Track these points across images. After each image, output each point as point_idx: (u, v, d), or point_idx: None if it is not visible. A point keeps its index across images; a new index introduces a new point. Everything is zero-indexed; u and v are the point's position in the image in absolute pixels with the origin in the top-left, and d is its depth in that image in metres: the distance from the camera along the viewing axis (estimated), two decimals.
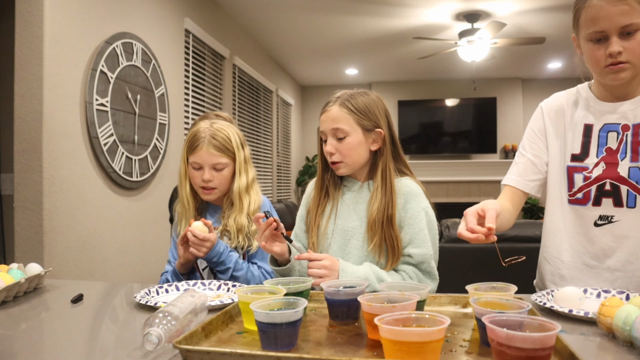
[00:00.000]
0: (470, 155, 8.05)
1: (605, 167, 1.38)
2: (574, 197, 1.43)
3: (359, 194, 1.58)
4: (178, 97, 3.94)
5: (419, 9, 4.88)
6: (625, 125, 1.37)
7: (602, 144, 1.39)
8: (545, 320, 0.83)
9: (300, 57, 6.69)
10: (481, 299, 1.02)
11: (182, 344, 0.89)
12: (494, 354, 0.82)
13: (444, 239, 3.31)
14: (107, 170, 2.97)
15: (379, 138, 1.55)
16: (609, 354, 0.94)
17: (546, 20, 5.17)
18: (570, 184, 1.43)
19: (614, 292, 1.31)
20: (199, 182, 1.71)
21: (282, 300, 1.00)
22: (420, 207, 1.52)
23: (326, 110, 1.54)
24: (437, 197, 7.85)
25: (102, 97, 2.90)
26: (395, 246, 1.47)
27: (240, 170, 1.73)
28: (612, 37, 1.27)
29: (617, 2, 1.24)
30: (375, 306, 0.97)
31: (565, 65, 7.18)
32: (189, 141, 1.71)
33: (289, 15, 5.04)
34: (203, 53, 4.49)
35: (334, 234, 1.55)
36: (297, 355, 0.83)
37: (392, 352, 0.83)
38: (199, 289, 1.46)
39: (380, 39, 5.82)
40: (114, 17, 3.08)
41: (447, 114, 8.08)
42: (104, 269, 2.97)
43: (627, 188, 1.35)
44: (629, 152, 1.35)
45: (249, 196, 1.74)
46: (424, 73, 7.54)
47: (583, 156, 1.42)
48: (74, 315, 1.25)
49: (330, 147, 1.51)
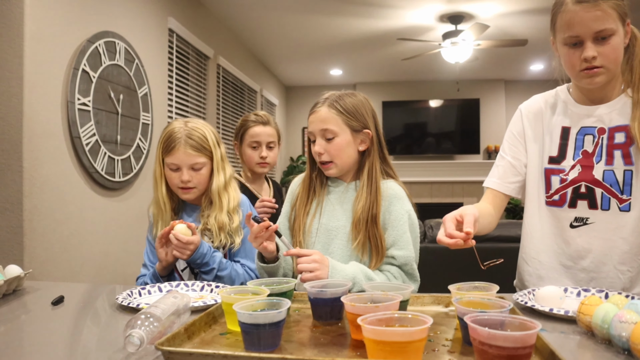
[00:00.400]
0: (453, 156, 8.11)
1: (581, 170, 1.40)
2: (551, 199, 1.45)
3: (344, 194, 1.59)
4: (161, 97, 3.91)
5: (403, 10, 4.91)
6: (601, 129, 1.39)
7: (578, 146, 1.42)
8: (526, 319, 0.84)
9: (285, 58, 6.68)
10: (463, 299, 1.03)
11: (164, 346, 0.89)
12: (476, 352, 0.83)
13: (427, 239, 3.33)
14: (89, 171, 2.93)
15: (367, 138, 1.56)
16: (588, 351, 0.96)
17: (528, 23, 5.23)
18: (547, 185, 1.46)
19: (593, 291, 1.33)
20: (177, 182, 1.70)
21: (266, 301, 1.00)
22: (404, 209, 1.54)
23: (315, 111, 1.55)
24: (420, 198, 7.90)
25: (84, 96, 2.87)
26: (379, 245, 1.49)
27: (217, 168, 1.73)
28: (587, 42, 1.29)
29: (591, 8, 1.26)
30: (359, 306, 0.97)
31: (548, 67, 7.26)
32: (164, 142, 1.69)
33: (274, 15, 5.04)
34: (187, 53, 4.47)
35: (318, 232, 1.56)
36: (280, 356, 0.83)
37: (375, 352, 0.83)
38: (182, 290, 1.45)
39: (364, 39, 5.83)
40: (96, 16, 3.04)
41: (431, 114, 8.12)
42: (85, 270, 2.94)
43: (602, 191, 1.38)
44: (604, 155, 1.38)
45: (228, 194, 1.74)
46: (408, 74, 7.58)
47: (560, 158, 1.44)
48: (54, 318, 1.24)
49: (319, 147, 1.53)
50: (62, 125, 2.73)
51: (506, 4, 4.73)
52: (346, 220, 1.54)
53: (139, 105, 3.47)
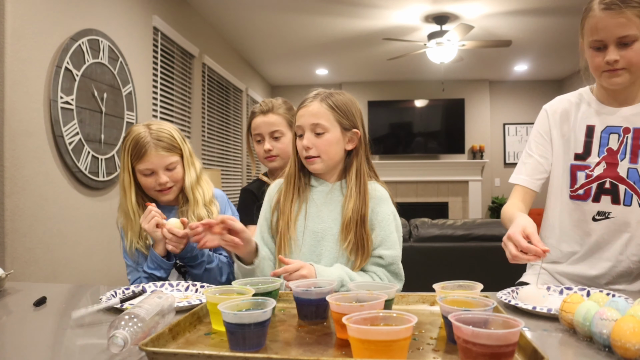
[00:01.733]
0: (438, 156, 8.15)
1: (605, 167, 1.50)
2: (575, 193, 1.55)
3: (329, 195, 1.57)
4: (146, 95, 3.88)
5: (388, 10, 4.92)
6: (626, 128, 1.48)
7: (603, 144, 1.51)
8: (509, 317, 0.85)
9: (271, 57, 6.67)
10: (448, 297, 1.04)
11: (148, 346, 0.88)
12: (460, 351, 0.84)
13: (412, 239, 3.35)
14: (73, 170, 2.90)
15: (356, 138, 1.56)
16: (570, 349, 0.97)
17: (512, 24, 5.28)
18: (572, 180, 1.55)
19: (575, 289, 1.35)
20: (154, 186, 1.69)
21: (251, 300, 1.00)
22: (389, 210, 1.55)
23: (306, 105, 1.53)
24: (406, 197, 7.93)
25: (67, 94, 2.83)
26: (366, 245, 1.49)
27: (188, 164, 1.73)
28: (610, 46, 1.38)
29: (616, 15, 1.35)
30: (344, 305, 0.97)
31: (531, 67, 7.34)
32: (132, 149, 1.66)
33: (259, 14, 5.02)
34: (172, 51, 4.44)
35: (305, 235, 1.54)
36: (265, 356, 0.83)
37: (360, 351, 0.83)
38: (167, 290, 1.44)
39: (350, 39, 5.84)
40: (80, 13, 3.01)
41: (417, 114, 8.16)
42: (68, 271, 2.91)
43: (625, 187, 1.48)
44: (629, 153, 1.47)
45: (201, 187, 1.75)
46: (394, 74, 7.60)
47: (585, 155, 1.53)
48: (36, 319, 1.22)
49: (307, 141, 1.51)
50: (44, 124, 2.70)
51: (491, 5, 4.77)
52: (332, 221, 1.53)
53: (123, 104, 3.44)
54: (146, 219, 1.60)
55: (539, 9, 4.84)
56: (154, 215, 1.59)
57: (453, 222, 3.39)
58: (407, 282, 1.54)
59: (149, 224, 1.58)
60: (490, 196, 8.18)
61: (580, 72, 1.57)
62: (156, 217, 1.58)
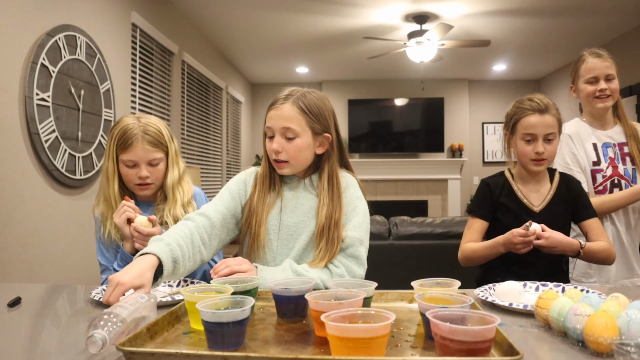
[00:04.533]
0: (418, 154, 8.20)
1: (612, 169, 2.10)
2: (597, 190, 2.09)
3: (298, 190, 1.57)
4: (124, 93, 3.83)
5: (369, 9, 4.93)
6: (614, 144, 2.13)
7: (605, 154, 2.12)
8: (485, 314, 0.86)
9: (251, 55, 6.64)
10: (426, 295, 1.05)
11: (125, 346, 0.87)
12: (438, 347, 0.85)
13: (392, 237, 3.37)
14: (49, 168, 2.86)
15: (327, 142, 1.54)
16: (545, 344, 0.99)
17: (491, 24, 5.34)
18: (594, 181, 2.10)
19: (550, 286, 1.38)
20: (134, 179, 1.68)
21: (229, 299, 1.00)
22: (355, 195, 1.55)
23: (277, 107, 1.49)
24: (385, 195, 7.97)
25: (43, 91, 2.79)
26: (337, 247, 1.47)
27: (172, 163, 1.73)
28: (601, 80, 2.07)
29: (603, 60, 2.07)
30: (322, 303, 0.98)
31: (510, 67, 7.43)
32: (119, 139, 1.66)
33: (240, 11, 5.00)
34: (151, 48, 4.39)
35: (280, 230, 1.53)
36: (244, 354, 0.83)
37: (338, 348, 0.84)
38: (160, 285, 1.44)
39: (330, 38, 5.85)
40: (56, 9, 2.96)
41: (397, 113, 8.20)
42: (45, 270, 2.87)
43: (625, 182, 2.09)
44: (620, 159, 2.12)
45: (182, 187, 1.75)
46: (374, 72, 7.63)
47: (598, 162, 2.11)
48: (11, 320, 1.20)
49: (277, 145, 1.48)
50: (19, 121, 2.65)
51: (470, 5, 4.81)
52: (304, 215, 1.52)
53: (101, 102, 3.40)
54: (118, 212, 1.59)
55: (517, 10, 4.90)
56: (125, 210, 1.58)
57: (432, 220, 3.42)
58: (386, 279, 1.54)
59: (120, 218, 1.58)
60: (469, 194, 8.26)
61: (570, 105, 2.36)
62: (128, 212, 1.57)
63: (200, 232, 1.45)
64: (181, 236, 1.38)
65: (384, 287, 1.32)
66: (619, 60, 2.12)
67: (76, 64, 3.10)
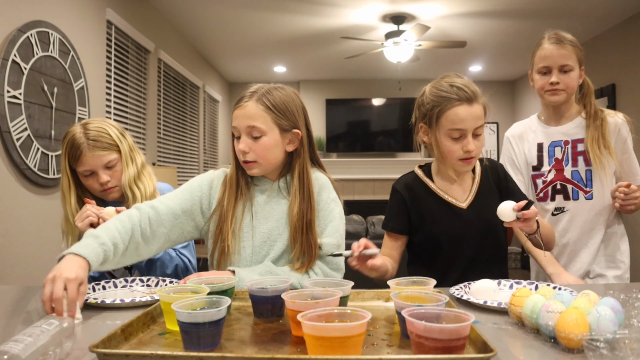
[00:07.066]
0: (395, 154, 8.25)
1: (555, 173, 1.91)
2: (539, 196, 1.94)
3: (271, 194, 1.52)
4: (99, 91, 3.77)
5: (346, 9, 4.95)
6: (566, 141, 1.90)
7: (551, 155, 1.92)
8: (460, 312, 0.87)
9: (228, 53, 6.60)
10: (402, 293, 1.05)
11: (99, 348, 0.86)
12: (413, 345, 0.85)
13: (369, 236, 3.39)
14: (21, 167, 2.80)
15: (296, 139, 1.49)
16: (518, 341, 1.00)
17: (467, 25, 5.40)
18: (535, 187, 1.96)
19: (524, 283, 1.40)
20: (97, 187, 1.67)
21: (205, 299, 0.99)
22: (330, 198, 1.51)
23: (241, 105, 1.44)
24: (363, 195, 8.00)
25: (15, 88, 2.73)
26: (314, 252, 1.44)
27: (127, 160, 1.71)
28: (554, 71, 1.82)
29: (560, 48, 1.80)
30: (299, 303, 0.98)
31: (485, 68, 7.52)
32: (68, 152, 1.64)
33: (217, 9, 4.96)
34: (126, 46, 4.33)
35: (254, 236, 1.49)
36: (220, 355, 0.82)
37: (314, 347, 0.84)
38: (138, 285, 1.44)
39: (308, 37, 5.84)
40: (28, 4, 2.90)
41: (374, 113, 8.23)
42: (16, 272, 2.81)
43: (571, 186, 1.89)
44: (570, 160, 1.89)
45: (142, 183, 1.72)
46: (352, 72, 7.65)
47: (539, 166, 1.95)
48: None
49: (244, 145, 1.43)
50: None
51: (447, 6, 4.86)
52: (277, 220, 1.49)
53: (75, 99, 3.34)
54: (81, 217, 1.54)
55: (492, 12, 4.96)
56: (88, 215, 1.53)
57: None
58: (363, 278, 1.55)
59: (83, 223, 1.52)
60: None
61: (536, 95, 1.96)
62: (91, 216, 1.52)
63: (143, 227, 1.39)
64: (120, 232, 1.33)
65: (361, 286, 1.33)
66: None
67: (49, 61, 3.04)
